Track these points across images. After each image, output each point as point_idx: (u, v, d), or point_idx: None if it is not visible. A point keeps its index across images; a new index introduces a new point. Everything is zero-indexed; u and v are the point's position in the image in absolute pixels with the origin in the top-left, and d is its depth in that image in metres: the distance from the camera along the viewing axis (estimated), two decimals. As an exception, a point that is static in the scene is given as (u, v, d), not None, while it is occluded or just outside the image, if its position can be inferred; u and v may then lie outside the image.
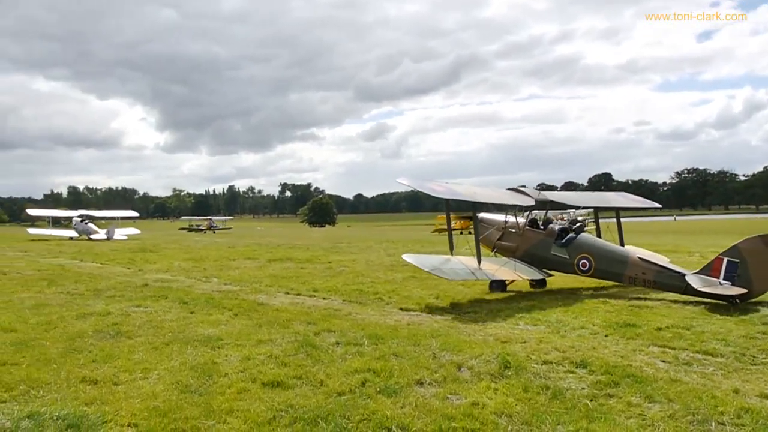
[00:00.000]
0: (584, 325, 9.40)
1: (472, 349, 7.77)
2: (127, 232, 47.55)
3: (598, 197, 21.47)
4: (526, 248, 14.70)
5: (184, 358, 7.51)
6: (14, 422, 5.28)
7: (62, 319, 10.13)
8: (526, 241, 14.82)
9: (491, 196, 15.49)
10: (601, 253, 13.48)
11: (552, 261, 14.21)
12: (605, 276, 13.46)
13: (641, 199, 20.39)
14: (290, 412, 5.60)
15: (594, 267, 13.40)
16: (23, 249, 31.63)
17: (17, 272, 18.34)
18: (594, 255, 13.46)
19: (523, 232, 15.07)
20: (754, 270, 10.92)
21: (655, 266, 12.49)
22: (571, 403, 5.85)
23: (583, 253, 13.61)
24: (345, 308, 11.42)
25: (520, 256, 14.65)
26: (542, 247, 14.43)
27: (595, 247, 13.69)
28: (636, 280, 12.66)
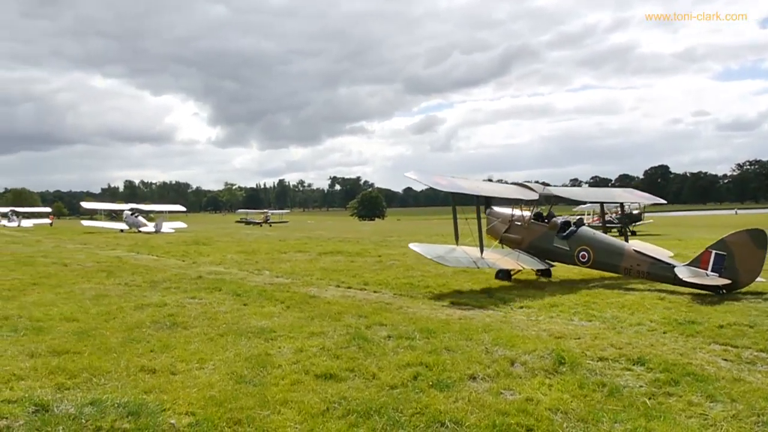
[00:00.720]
0: (641, 322, 9.18)
1: (525, 345, 7.67)
2: (175, 225, 48.77)
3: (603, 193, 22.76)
4: (531, 240, 15.45)
5: (238, 349, 7.63)
6: (78, 408, 5.44)
7: (121, 310, 10.42)
8: (531, 234, 15.56)
9: (494, 191, 16.77)
10: (600, 245, 14.20)
11: (554, 252, 14.94)
12: (603, 267, 14.13)
13: (647, 195, 21.20)
14: (343, 404, 5.62)
15: (593, 258, 14.14)
16: (83, 241, 32.67)
17: (78, 264, 18.96)
18: (593, 247, 14.18)
19: (528, 225, 15.77)
20: (740, 262, 11.58)
21: (648, 258, 13.18)
22: (629, 400, 5.71)
23: (582, 245, 14.32)
24: (396, 302, 11.42)
25: (525, 247, 15.40)
26: (545, 240, 15.16)
27: (594, 240, 14.42)
28: (631, 271, 13.37)
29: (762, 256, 11.56)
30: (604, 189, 25.82)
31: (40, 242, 32.29)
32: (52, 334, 8.49)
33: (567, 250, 14.65)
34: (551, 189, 16.93)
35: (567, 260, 14.81)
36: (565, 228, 15.01)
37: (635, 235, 38.72)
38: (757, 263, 11.59)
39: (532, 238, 15.51)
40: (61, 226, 61.57)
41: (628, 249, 13.79)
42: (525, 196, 15.77)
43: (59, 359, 7.08)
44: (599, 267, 14.25)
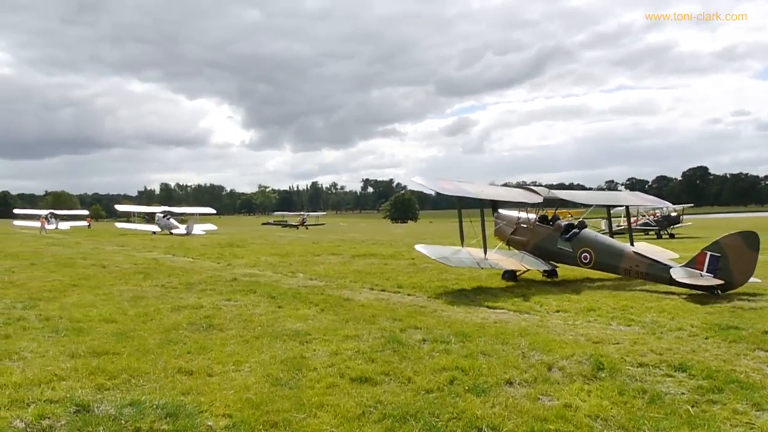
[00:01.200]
0: (682, 327, 8.96)
1: (562, 349, 7.55)
2: (205, 227, 49.52)
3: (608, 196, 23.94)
4: (536, 242, 16.01)
5: (273, 351, 7.65)
6: (118, 409, 5.51)
7: (158, 312, 10.55)
8: (536, 236, 16.10)
9: (498, 194, 17.40)
10: (601, 247, 14.67)
11: (558, 254, 15.45)
12: (604, 268, 14.58)
13: (653, 198, 21.66)
14: (379, 408, 5.59)
15: (594, 259, 14.60)
16: (120, 244, 33.25)
17: (116, 266, 19.29)
18: (594, 249, 14.67)
19: (534, 227, 16.32)
20: (734, 264, 11.96)
21: (647, 259, 13.64)
22: (671, 408, 5.57)
23: (584, 247, 14.80)
24: (430, 305, 11.36)
25: (530, 249, 15.98)
26: (550, 241, 15.66)
27: (595, 242, 14.90)
28: (630, 272, 13.84)
29: (754, 257, 12.01)
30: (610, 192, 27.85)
31: (79, 244, 32.96)
32: (91, 335, 8.63)
33: (570, 251, 15.12)
34: (555, 192, 17.32)
35: (570, 261, 15.26)
36: (568, 230, 15.46)
37: (674, 237, 38.04)
38: (750, 264, 12.00)
39: (537, 240, 16.02)
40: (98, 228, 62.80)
41: (627, 250, 14.27)
42: (528, 199, 16.07)
43: (99, 360, 7.19)
44: (600, 268, 14.67)
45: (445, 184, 15.77)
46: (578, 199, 18.73)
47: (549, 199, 16.45)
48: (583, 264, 14.96)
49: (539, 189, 16.76)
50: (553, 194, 16.84)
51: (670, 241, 33.88)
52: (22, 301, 11.57)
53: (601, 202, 19.22)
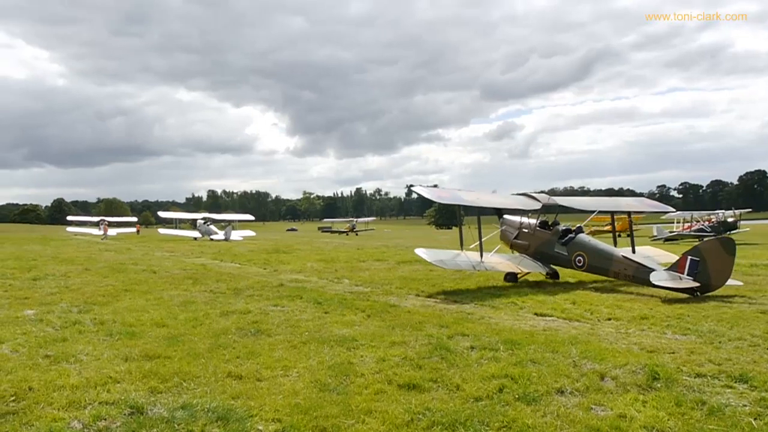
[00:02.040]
0: (742, 336, 8.63)
1: (615, 359, 7.36)
2: (243, 233, 50.23)
3: (610, 202, 23.38)
4: (536, 246, 16.80)
5: (321, 357, 7.67)
6: (170, 412, 5.60)
7: (207, 316, 10.70)
8: (536, 240, 16.87)
9: (495, 202, 18.34)
10: (593, 251, 15.40)
11: (555, 257, 16.22)
12: (595, 271, 15.33)
13: (656, 203, 22.01)
14: (427, 415, 5.55)
15: (587, 263, 15.38)
16: (170, 250, 33.93)
17: (165, 271, 19.67)
18: (587, 252, 15.43)
19: (534, 232, 17.09)
20: (712, 267, 12.52)
21: (634, 263, 14.28)
22: (732, 420, 5.36)
23: (579, 251, 15.58)
24: (477, 312, 11.24)
25: (531, 253, 16.81)
26: (548, 246, 16.45)
27: (588, 246, 15.65)
28: (619, 275, 14.56)
29: (731, 261, 12.66)
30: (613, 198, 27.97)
31: (131, 250, 33.77)
32: (144, 338, 8.81)
33: (566, 255, 15.92)
34: (556, 199, 18.06)
35: (566, 264, 16.05)
36: (565, 235, 16.21)
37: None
38: (727, 268, 12.60)
39: (538, 244, 16.81)
40: (145, 235, 64.27)
41: (617, 254, 15.02)
42: (526, 206, 17.21)
43: (151, 363, 7.33)
44: (592, 271, 15.43)
45: (443, 193, 17.32)
46: (578, 206, 19.51)
47: (548, 206, 17.33)
48: (577, 267, 15.73)
49: (539, 196, 17.63)
50: (553, 200, 17.67)
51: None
52: (78, 306, 11.89)
53: (601, 208, 19.64)
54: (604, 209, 19.55)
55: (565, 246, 15.97)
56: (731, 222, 40.36)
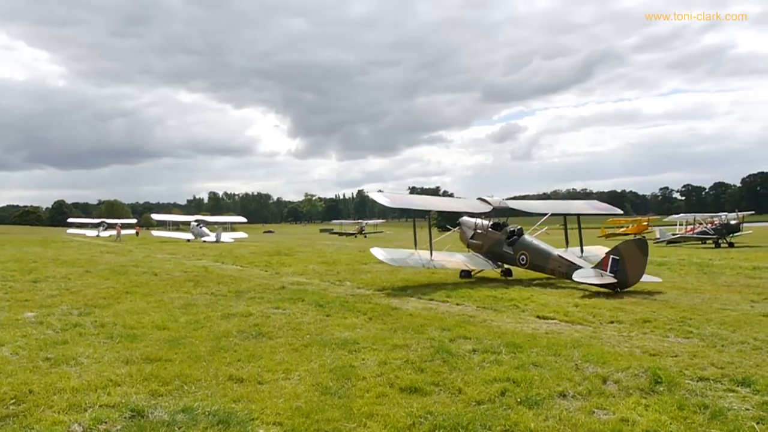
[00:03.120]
0: (745, 340, 8.59)
1: (617, 362, 7.32)
2: (235, 235, 52.11)
3: (559, 204, 25.36)
4: (489, 246, 18.40)
5: (322, 360, 7.65)
6: (171, 415, 5.58)
7: (208, 319, 10.68)
8: (489, 240, 18.47)
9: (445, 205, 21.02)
10: (534, 250, 16.95)
11: (503, 256, 17.82)
12: (536, 268, 16.87)
13: (606, 205, 23.39)
14: (429, 418, 5.52)
15: (529, 261, 16.97)
16: (171, 252, 33.96)
17: (167, 273, 19.68)
18: (529, 252, 17.02)
19: (487, 233, 18.63)
20: (629, 266, 13.99)
21: (567, 262, 15.85)
22: (734, 424, 5.33)
23: (522, 250, 17.17)
24: (479, 315, 11.21)
25: (484, 252, 18.44)
26: (498, 245, 18.02)
27: (531, 246, 17.17)
28: (555, 272, 16.15)
29: (645, 260, 14.22)
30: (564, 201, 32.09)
31: (132, 252, 33.78)
32: (144, 341, 8.79)
33: (511, 254, 17.48)
34: (507, 202, 19.77)
35: (512, 262, 17.64)
36: (511, 236, 17.77)
37: (733, 246, 36.86)
38: (641, 266, 14.16)
39: (490, 244, 18.40)
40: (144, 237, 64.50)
41: (554, 254, 16.47)
42: (475, 209, 18.77)
43: (152, 366, 7.31)
44: (533, 268, 16.98)
45: (396, 198, 19.13)
46: (528, 209, 20.53)
47: (499, 209, 18.88)
48: (521, 265, 17.31)
49: (491, 199, 18.96)
50: (504, 204, 19.33)
51: (729, 251, 32.78)
52: (78, 308, 11.88)
53: (554, 211, 20.46)
54: (555, 212, 20.35)
55: (511, 246, 17.53)
56: (734, 224, 40.23)
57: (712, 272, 18.76)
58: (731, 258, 25.30)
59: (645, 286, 14.48)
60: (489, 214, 18.89)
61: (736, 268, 20.05)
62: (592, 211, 22.64)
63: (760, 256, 26.51)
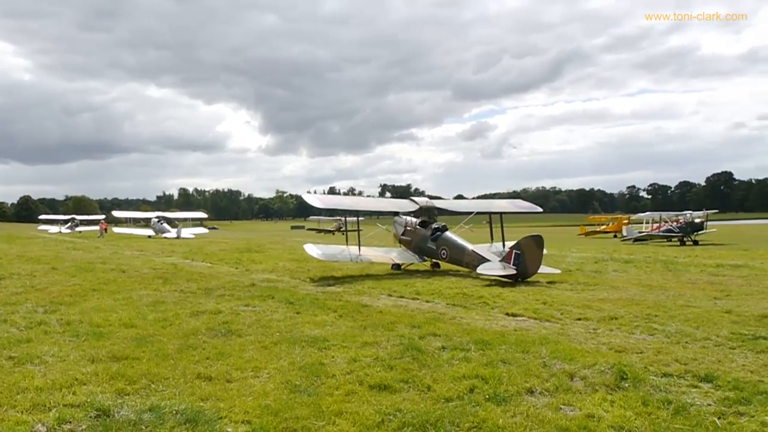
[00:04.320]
0: (708, 336, 8.77)
1: (584, 358, 7.43)
2: (196, 231, 53.70)
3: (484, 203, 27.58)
4: (416, 242, 20.16)
5: (292, 358, 7.63)
6: (137, 415, 5.51)
7: (177, 317, 10.57)
8: (417, 237, 20.19)
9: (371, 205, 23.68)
10: (453, 245, 18.82)
11: (428, 251, 19.64)
12: (454, 262, 18.69)
13: (528, 204, 24.65)
14: (398, 416, 5.54)
15: (449, 255, 18.79)
16: (139, 248, 33.52)
17: (135, 270, 19.42)
18: (449, 247, 18.88)
19: (415, 230, 20.35)
20: (528, 259, 15.79)
21: (478, 256, 17.58)
22: (697, 420, 5.44)
23: (443, 246, 19.04)
24: (449, 312, 11.27)
25: (413, 248, 20.18)
26: (424, 241, 19.84)
27: (450, 242, 19.00)
28: (469, 265, 17.73)
29: (541, 254, 16.06)
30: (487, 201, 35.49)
31: (99, 249, 33.27)
32: (111, 339, 8.67)
33: (434, 249, 19.31)
34: (433, 202, 22.42)
35: (435, 256, 19.53)
36: (435, 232, 19.49)
37: (697, 244, 37.59)
38: (538, 259, 15.96)
39: (417, 240, 20.12)
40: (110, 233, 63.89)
41: (468, 249, 18.26)
42: (404, 208, 21.03)
43: (119, 365, 7.21)
44: (452, 261, 18.78)
45: (326, 199, 21.91)
46: (452, 207, 23.51)
47: (425, 208, 21.07)
48: (442, 259, 19.20)
49: (418, 199, 21.31)
50: (431, 203, 21.77)
51: (694, 248, 33.44)
52: (44, 305, 11.67)
53: (477, 209, 22.13)
54: (478, 210, 21.89)
55: (434, 242, 19.34)
56: (698, 223, 41.03)
57: (677, 270, 19.12)
58: (695, 256, 25.82)
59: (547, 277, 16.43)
60: (417, 213, 20.86)
61: (700, 265, 20.47)
62: (514, 209, 24.38)
63: (723, 253, 27.10)
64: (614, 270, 19.19)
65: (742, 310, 10.96)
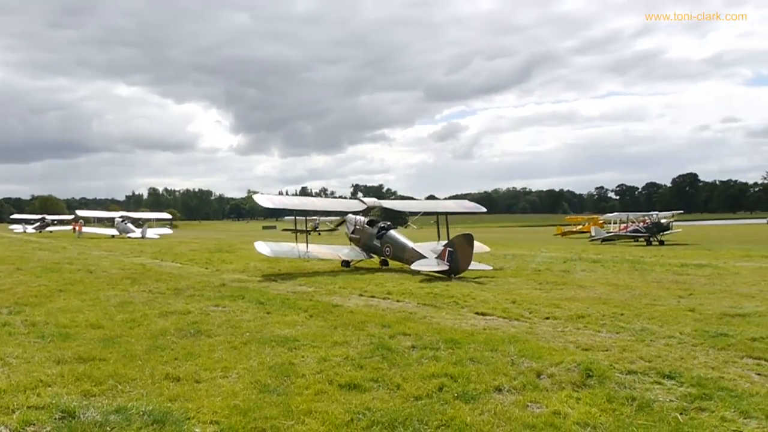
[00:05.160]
0: (671, 334, 8.95)
1: (551, 356, 7.54)
2: (160, 231, 54.77)
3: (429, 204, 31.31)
4: (364, 240, 21.34)
5: (262, 358, 7.61)
6: (104, 416, 5.45)
7: (145, 317, 10.47)
8: (365, 235, 21.37)
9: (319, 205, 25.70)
10: (396, 243, 20.17)
11: (374, 248, 20.93)
12: (397, 259, 19.96)
13: (473, 204, 26.35)
14: (368, 415, 5.56)
15: (392, 253, 20.16)
16: (108, 249, 33.07)
17: (103, 271, 19.17)
18: (392, 245, 20.22)
19: (363, 228, 21.50)
20: (460, 256, 16.94)
21: (417, 253, 18.80)
22: (659, 415, 5.55)
23: (387, 244, 20.40)
24: (419, 311, 11.33)
25: (361, 245, 21.41)
26: (370, 239, 21.04)
27: (393, 240, 20.33)
28: (410, 261, 18.68)
29: (471, 251, 17.12)
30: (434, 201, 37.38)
31: (66, 249, 32.73)
32: (78, 340, 8.56)
33: (379, 246, 20.61)
34: (381, 202, 23.91)
35: (380, 254, 20.75)
36: (380, 231, 20.75)
37: (663, 244, 38.25)
38: (469, 257, 17.07)
39: (365, 238, 21.30)
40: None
41: (409, 246, 19.57)
42: (352, 208, 22.45)
43: (85, 366, 7.12)
44: (395, 259, 20.08)
45: (275, 200, 23.17)
46: (398, 208, 25.02)
47: (372, 207, 22.37)
48: (386, 256, 20.43)
49: (367, 200, 22.73)
50: (378, 203, 23.15)
51: (660, 248, 34.03)
52: (8, 306, 11.46)
53: (423, 209, 23.72)
54: (425, 210, 23.44)
55: (379, 240, 20.63)
56: (664, 223, 41.73)
57: (643, 269, 19.46)
58: (661, 255, 26.29)
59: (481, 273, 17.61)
60: (364, 212, 22.08)
61: (665, 265, 20.85)
62: (459, 210, 25.93)
63: (688, 253, 27.64)
64: (582, 270, 19.46)
65: (705, 308, 11.21)
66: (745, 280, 15.80)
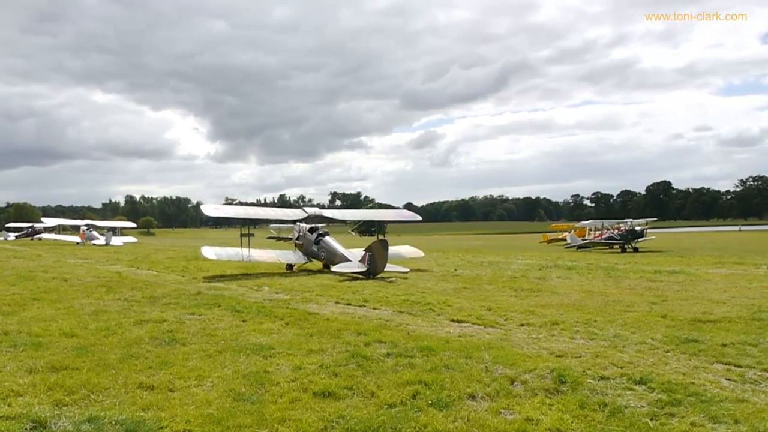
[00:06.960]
0: (644, 340, 9.09)
1: (525, 363, 7.62)
2: (125, 239, 57.39)
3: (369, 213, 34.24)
4: (306, 246, 23.36)
5: (236, 366, 7.59)
6: (76, 426, 5.41)
7: (120, 326, 10.37)
8: (306, 242, 23.38)
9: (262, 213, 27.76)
10: (328, 249, 22.28)
11: (314, 254, 22.97)
12: (330, 262, 21.73)
13: (410, 213, 28.88)
14: (341, 422, 5.58)
15: (326, 257, 22.28)
16: (83, 257, 32.65)
17: (78, 279, 18.94)
18: (326, 251, 22.33)
19: (305, 235, 23.52)
20: (377, 259, 19.23)
21: (345, 258, 20.89)
22: (630, 421, 5.65)
23: (322, 249, 22.50)
24: (395, 319, 11.36)
25: (304, 251, 23.43)
26: (310, 245, 23.12)
27: (327, 246, 22.42)
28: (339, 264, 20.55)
29: (386, 255, 19.52)
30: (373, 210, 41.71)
31: (41, 257, 32.27)
32: (51, 349, 8.46)
33: (317, 252, 22.72)
34: (321, 211, 26.50)
35: (318, 258, 22.81)
36: (317, 237, 22.85)
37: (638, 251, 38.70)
38: (385, 259, 19.41)
39: (307, 244, 23.34)
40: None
41: (339, 251, 21.74)
42: (291, 216, 25.05)
43: (58, 375, 7.06)
44: (329, 262, 21.91)
45: (221, 209, 25.52)
46: (337, 216, 27.52)
47: (313, 216, 24.53)
48: (321, 260, 22.59)
49: (308, 209, 25.04)
50: (319, 212, 25.55)
51: (634, 255, 34.45)
52: (-21, 315, 11.27)
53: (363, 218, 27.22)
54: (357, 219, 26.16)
55: (317, 245, 22.71)
56: (638, 230, 42.23)
57: (617, 276, 19.68)
58: (635, 262, 26.62)
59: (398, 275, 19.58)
60: (306, 220, 24.15)
61: (639, 271, 21.12)
62: (397, 218, 28.56)
63: (661, 260, 28.01)
64: (557, 276, 19.64)
65: (677, 314, 11.39)
66: (716, 287, 16.07)
